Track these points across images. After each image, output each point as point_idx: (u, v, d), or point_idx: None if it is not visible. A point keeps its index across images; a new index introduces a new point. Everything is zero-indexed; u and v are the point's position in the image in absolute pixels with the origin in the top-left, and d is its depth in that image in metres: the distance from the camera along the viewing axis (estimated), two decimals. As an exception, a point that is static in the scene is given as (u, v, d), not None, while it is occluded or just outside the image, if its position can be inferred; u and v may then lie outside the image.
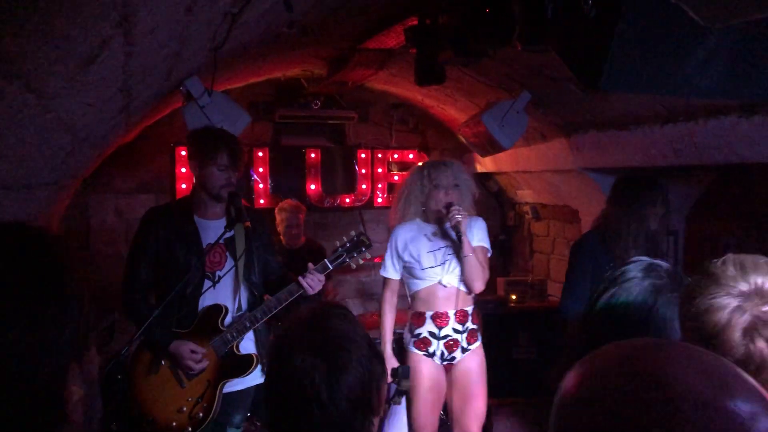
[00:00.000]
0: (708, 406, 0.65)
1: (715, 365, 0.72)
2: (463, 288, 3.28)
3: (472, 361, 3.32)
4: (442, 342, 3.26)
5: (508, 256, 6.33)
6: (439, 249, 3.28)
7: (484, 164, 5.60)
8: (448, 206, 3.18)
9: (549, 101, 3.93)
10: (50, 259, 0.88)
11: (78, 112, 2.00)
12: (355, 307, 5.95)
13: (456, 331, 3.26)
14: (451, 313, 3.26)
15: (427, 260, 3.28)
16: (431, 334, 3.26)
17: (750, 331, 1.10)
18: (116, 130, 3.09)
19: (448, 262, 3.25)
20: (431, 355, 3.27)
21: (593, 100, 3.56)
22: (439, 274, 3.26)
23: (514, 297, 5.07)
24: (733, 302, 1.13)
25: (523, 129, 4.00)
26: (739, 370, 0.72)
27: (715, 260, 1.21)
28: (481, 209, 6.07)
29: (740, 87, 1.89)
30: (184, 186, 5.00)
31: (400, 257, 3.35)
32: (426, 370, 3.25)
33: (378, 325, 4.37)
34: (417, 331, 3.29)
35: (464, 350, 3.30)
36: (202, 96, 3.30)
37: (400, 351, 3.70)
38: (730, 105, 2.84)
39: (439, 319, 3.27)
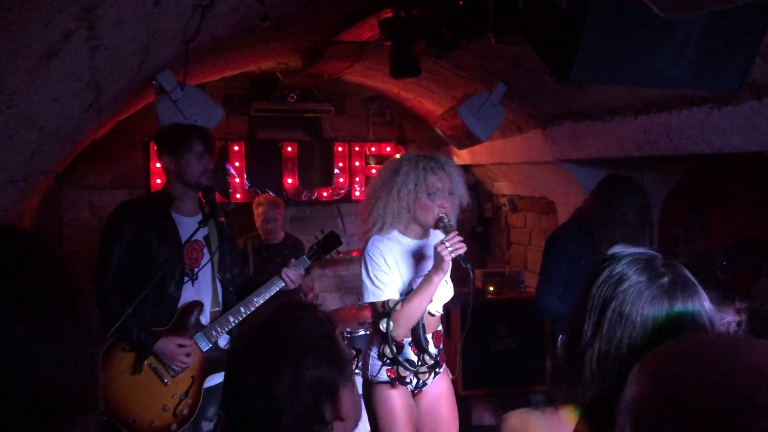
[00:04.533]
0: None
1: None
2: (439, 310, 2.88)
3: (443, 383, 2.92)
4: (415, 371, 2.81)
5: (486, 248, 6.36)
6: (427, 272, 2.74)
7: (461, 157, 5.61)
8: (440, 222, 2.69)
9: (524, 93, 3.93)
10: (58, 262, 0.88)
11: (43, 108, 1.96)
12: (334, 301, 5.95)
13: (434, 356, 2.82)
14: (429, 337, 2.82)
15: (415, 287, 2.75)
16: (408, 361, 2.76)
17: None
18: (87, 125, 3.04)
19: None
20: (404, 383, 2.80)
21: (568, 91, 3.58)
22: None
23: (491, 288, 5.09)
24: None
25: (499, 121, 4.01)
26: None
27: None
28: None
29: (710, 78, 1.90)
30: (158, 181, 4.94)
31: (389, 274, 2.74)
32: (401, 400, 2.78)
33: (357, 319, 4.39)
34: (408, 360, 2.77)
35: (436, 374, 2.88)
36: (174, 90, 3.27)
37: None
38: (703, 96, 2.86)
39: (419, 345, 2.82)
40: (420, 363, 2.76)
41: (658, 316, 1.26)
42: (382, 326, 2.63)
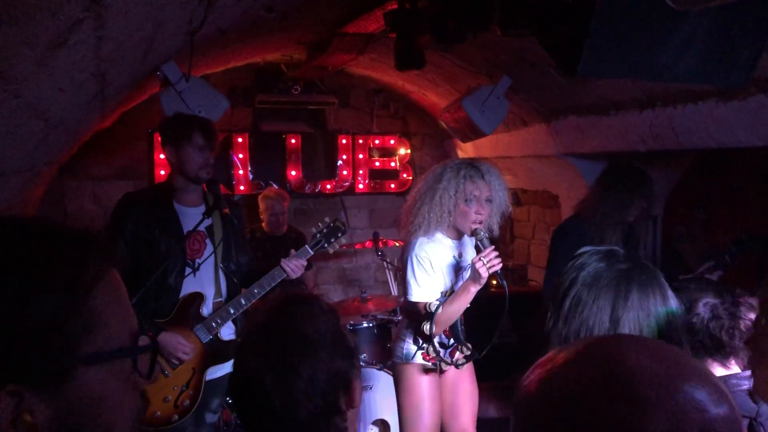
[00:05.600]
0: (666, 386, 0.66)
1: (668, 350, 0.73)
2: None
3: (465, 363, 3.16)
4: (449, 351, 3.09)
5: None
6: (465, 271, 3.01)
7: (465, 150, 5.60)
8: (475, 235, 2.90)
9: (529, 87, 3.92)
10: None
11: (50, 98, 1.96)
12: (337, 294, 5.96)
13: (468, 347, 3.09)
14: (458, 321, 3.07)
15: (457, 285, 3.01)
16: (441, 345, 3.04)
17: None
18: (92, 115, 3.04)
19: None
20: (436, 364, 3.05)
21: (573, 85, 3.57)
22: None
23: (494, 282, 5.08)
24: None
25: (503, 114, 4.00)
26: (693, 359, 0.73)
27: None
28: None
29: (716, 72, 1.90)
30: (162, 172, 4.94)
31: (433, 278, 2.96)
32: (429, 380, 3.04)
33: (360, 312, 4.40)
34: (425, 343, 3.00)
35: (468, 359, 3.13)
36: (179, 81, 3.27)
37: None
38: (708, 90, 2.85)
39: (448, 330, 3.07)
40: (459, 351, 3.04)
41: (615, 301, 1.30)
42: (425, 328, 2.84)
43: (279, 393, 1.26)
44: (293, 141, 5.61)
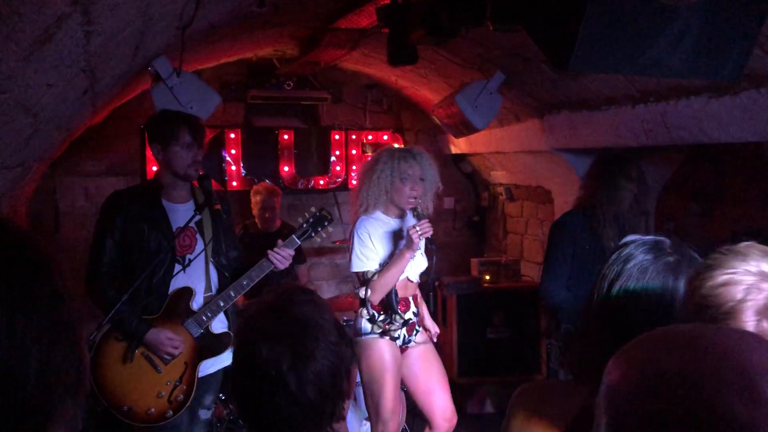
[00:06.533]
0: None
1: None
2: (416, 278, 3.39)
3: (426, 340, 3.43)
4: (404, 328, 3.31)
5: (482, 237, 6.36)
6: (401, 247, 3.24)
7: (458, 145, 5.60)
8: (414, 210, 3.20)
9: (522, 82, 3.92)
10: (40, 258, 0.80)
11: (37, 93, 1.94)
12: (330, 289, 5.95)
13: (414, 314, 3.35)
14: (410, 298, 3.35)
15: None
16: (383, 320, 3.25)
17: (763, 312, 1.11)
18: (82, 111, 3.03)
19: (412, 259, 3.21)
20: (394, 339, 3.28)
21: (566, 80, 3.56)
22: (406, 270, 3.24)
23: (487, 277, 5.10)
24: (752, 279, 1.14)
25: (496, 110, 4.00)
26: None
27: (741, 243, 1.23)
28: (454, 190, 6.13)
29: (708, 67, 1.89)
30: (154, 169, 4.90)
31: (372, 250, 3.23)
32: (392, 353, 3.25)
33: (353, 308, 4.39)
34: (381, 318, 3.25)
35: (417, 332, 3.39)
36: (170, 76, 3.25)
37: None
38: (701, 85, 2.85)
39: (402, 305, 3.29)
40: (393, 321, 3.25)
41: (664, 292, 1.29)
42: (362, 293, 3.18)
43: (294, 375, 1.28)
44: (286, 136, 5.59)
